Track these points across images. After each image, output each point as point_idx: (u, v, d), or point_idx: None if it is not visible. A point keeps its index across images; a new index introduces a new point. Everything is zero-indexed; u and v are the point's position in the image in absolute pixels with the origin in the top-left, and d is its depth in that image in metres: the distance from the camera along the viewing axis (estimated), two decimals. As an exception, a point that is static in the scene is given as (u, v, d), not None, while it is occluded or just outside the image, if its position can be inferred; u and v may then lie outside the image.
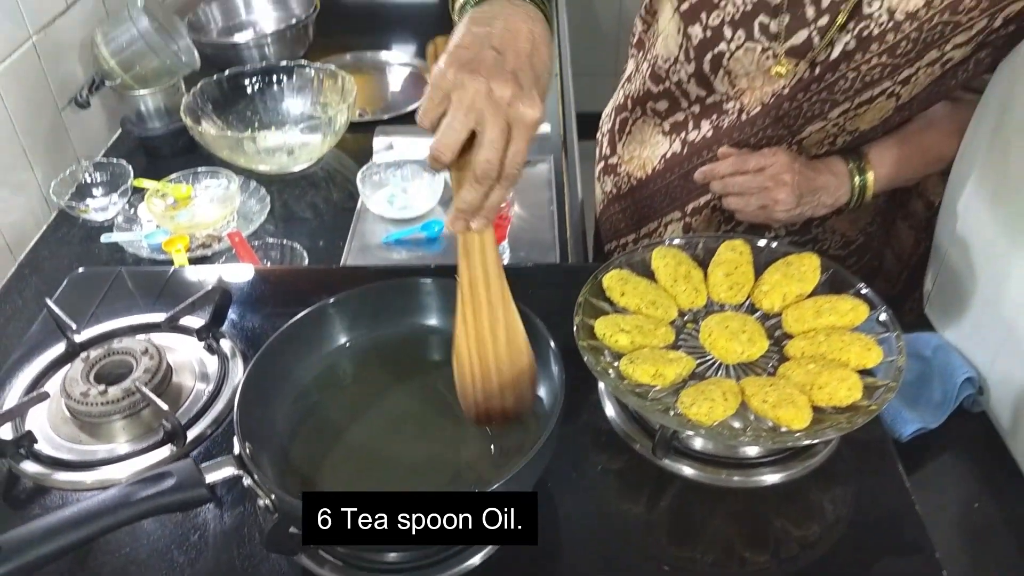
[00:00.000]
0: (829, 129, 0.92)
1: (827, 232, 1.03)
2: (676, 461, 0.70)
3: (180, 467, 0.57)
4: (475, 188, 0.60)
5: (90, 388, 0.74)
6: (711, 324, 0.72)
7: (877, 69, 0.84)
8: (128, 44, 1.28)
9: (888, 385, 0.64)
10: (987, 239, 0.85)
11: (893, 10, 0.81)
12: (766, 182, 0.89)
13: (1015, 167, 0.79)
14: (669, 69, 0.96)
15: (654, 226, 1.08)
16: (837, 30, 0.83)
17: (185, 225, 1.16)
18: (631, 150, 1.08)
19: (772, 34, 0.86)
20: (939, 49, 0.82)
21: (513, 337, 0.67)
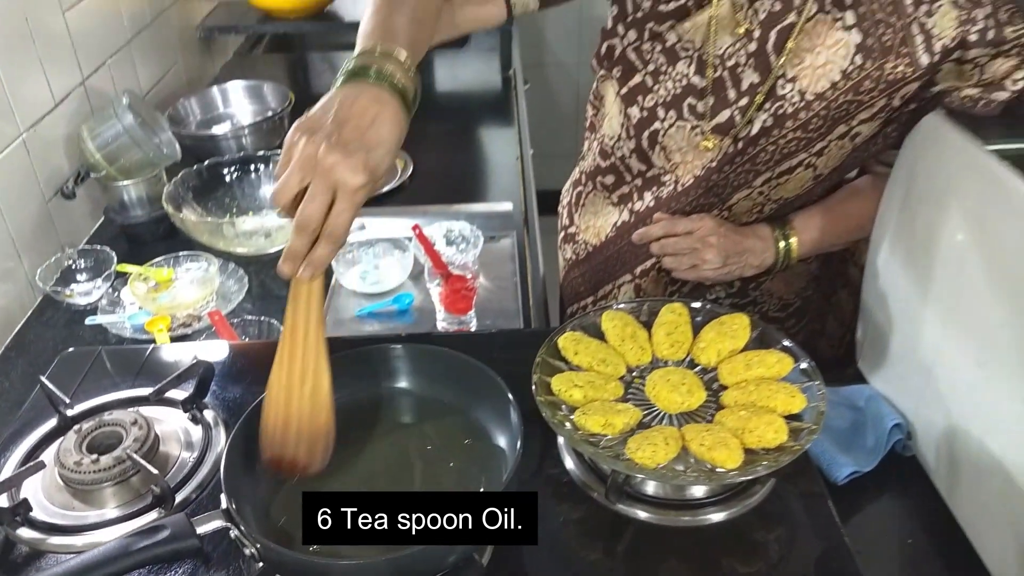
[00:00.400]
0: (755, 197, 1.02)
1: (765, 295, 1.13)
2: (630, 506, 0.76)
3: (173, 520, 0.63)
4: (298, 237, 0.66)
5: (83, 457, 0.79)
6: (655, 378, 0.79)
7: (793, 143, 0.95)
8: (113, 139, 1.36)
9: (811, 428, 0.72)
10: (902, 296, 0.94)
11: (803, 91, 0.92)
12: (695, 243, 0.99)
13: (920, 231, 0.90)
14: (614, 146, 1.07)
15: (609, 288, 1.18)
16: (755, 110, 0.95)
17: (167, 306, 1.23)
18: (586, 220, 1.18)
19: (699, 114, 0.98)
20: (847, 124, 0.93)
21: (317, 392, 0.71)
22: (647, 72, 1.01)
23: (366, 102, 0.69)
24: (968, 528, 0.84)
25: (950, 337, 0.85)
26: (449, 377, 0.80)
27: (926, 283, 0.89)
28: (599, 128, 1.11)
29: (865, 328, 1.03)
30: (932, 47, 0.88)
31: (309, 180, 0.65)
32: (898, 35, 0.88)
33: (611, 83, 1.05)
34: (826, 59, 0.91)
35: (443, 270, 1.17)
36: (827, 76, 0.91)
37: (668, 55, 0.99)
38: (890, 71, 0.89)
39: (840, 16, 0.90)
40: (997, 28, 0.87)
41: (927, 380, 0.90)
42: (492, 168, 1.72)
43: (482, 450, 0.76)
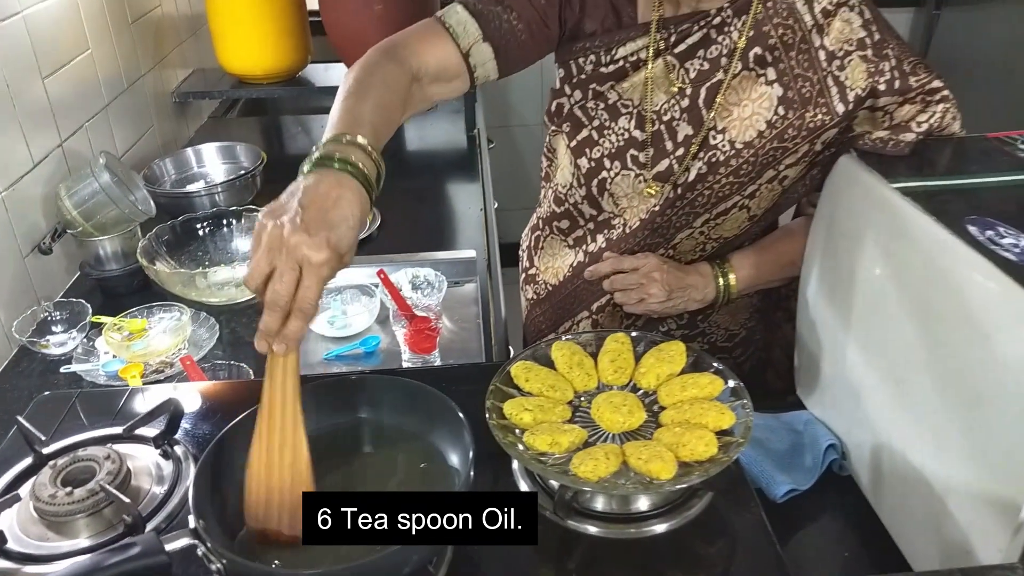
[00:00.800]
0: (697, 237, 1.10)
1: (712, 326, 1.20)
2: (580, 521, 0.81)
3: (144, 538, 0.67)
4: (269, 314, 0.70)
5: (57, 491, 0.83)
6: (599, 401, 0.85)
7: (726, 187, 1.04)
8: (90, 196, 1.42)
9: (738, 441, 0.78)
10: (830, 325, 1.01)
11: (733, 141, 1.01)
12: (640, 279, 1.07)
13: (842, 264, 0.97)
14: (567, 193, 1.15)
15: (569, 324, 1.25)
16: (691, 159, 1.03)
17: (140, 354, 1.27)
18: (545, 262, 1.25)
19: (641, 164, 1.06)
20: (774, 169, 1.02)
21: (297, 462, 0.74)
22: (592, 127, 1.09)
23: (327, 187, 0.73)
24: (898, 539, 0.90)
25: (871, 361, 0.92)
26: (407, 405, 0.85)
27: (848, 312, 0.96)
28: (553, 177, 1.20)
29: (801, 356, 1.11)
30: (846, 96, 0.98)
31: (276, 261, 0.70)
32: (815, 87, 0.98)
33: (562, 137, 1.14)
34: (752, 111, 1.00)
35: (407, 312, 1.23)
36: (754, 126, 1.00)
37: (610, 111, 1.08)
38: (810, 119, 0.99)
39: (763, 72, 1.00)
40: (902, 78, 0.97)
41: (855, 402, 0.96)
42: (457, 220, 1.80)
43: (438, 471, 0.81)
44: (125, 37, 1.84)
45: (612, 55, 1.05)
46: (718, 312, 1.19)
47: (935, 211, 0.80)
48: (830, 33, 0.97)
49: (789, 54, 0.98)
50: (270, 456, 0.74)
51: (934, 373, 0.80)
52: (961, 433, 0.76)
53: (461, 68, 1.02)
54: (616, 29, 1.05)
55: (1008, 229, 0.77)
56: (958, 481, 0.78)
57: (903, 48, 0.98)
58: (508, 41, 1.03)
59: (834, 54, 0.97)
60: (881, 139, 0.95)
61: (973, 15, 2.72)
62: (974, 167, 0.92)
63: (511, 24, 1.03)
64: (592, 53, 1.06)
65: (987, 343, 0.72)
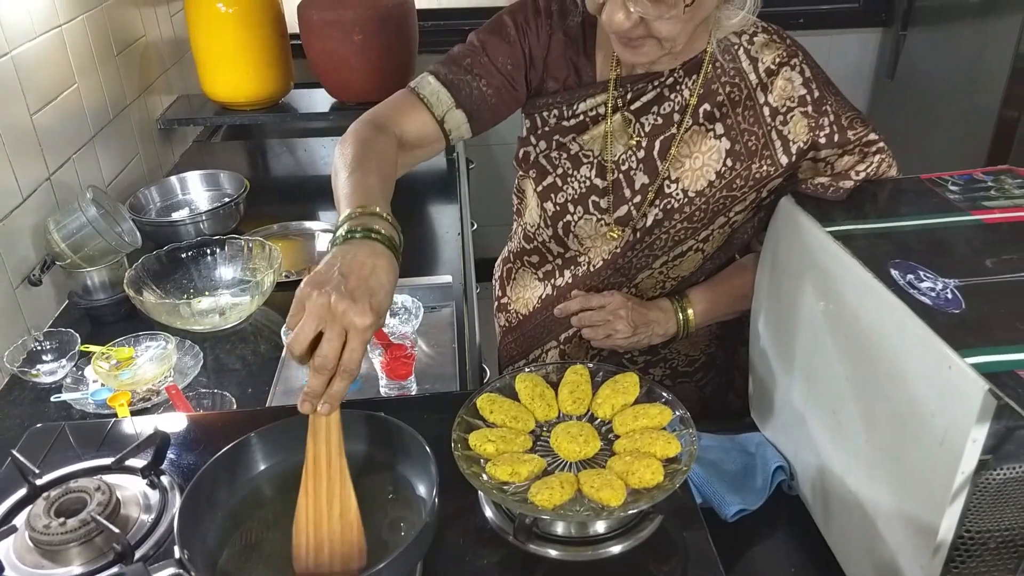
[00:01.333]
0: (657, 276, 1.17)
1: (673, 353, 1.27)
2: (541, 545, 0.88)
3: (132, 569, 0.73)
4: (316, 377, 0.75)
5: (51, 521, 0.88)
6: (558, 431, 0.92)
7: (681, 232, 1.11)
8: (78, 230, 1.47)
9: (682, 468, 0.84)
10: (777, 354, 1.08)
11: (686, 190, 1.08)
12: (607, 316, 1.14)
13: (784, 299, 1.04)
14: (535, 232, 1.22)
15: (538, 352, 1.31)
16: (648, 205, 1.10)
17: (127, 383, 1.32)
18: (516, 292, 1.32)
19: (602, 209, 1.13)
20: (725, 216, 1.10)
21: (346, 513, 0.78)
22: (557, 175, 1.16)
23: (364, 256, 0.79)
24: (840, 556, 0.97)
25: (812, 391, 0.99)
26: (377, 437, 0.91)
27: (792, 344, 1.03)
28: (523, 216, 1.27)
29: (754, 382, 1.17)
30: (789, 149, 1.05)
31: (322, 327, 0.74)
32: (760, 141, 1.05)
33: (529, 181, 1.21)
34: (703, 163, 1.07)
35: (384, 340, 1.29)
36: (704, 176, 1.08)
37: (573, 161, 1.15)
38: (756, 170, 1.06)
39: (711, 127, 1.07)
40: (841, 132, 1.04)
41: (801, 428, 1.03)
42: (435, 243, 1.86)
43: (405, 501, 0.87)
44: (110, 68, 1.90)
45: (574, 109, 1.12)
46: (679, 341, 1.25)
47: (862, 255, 0.87)
48: (773, 91, 1.05)
49: (736, 110, 1.06)
50: (318, 509, 0.78)
51: (862, 406, 0.87)
52: (887, 461, 0.83)
53: (437, 133, 1.09)
54: (576, 87, 1.12)
55: (927, 272, 0.83)
56: (886, 505, 0.84)
57: (841, 104, 1.05)
58: (479, 105, 1.10)
59: (777, 110, 1.05)
60: (823, 184, 1.02)
61: (938, 35, 2.80)
62: (904, 209, 0.99)
63: (481, 91, 1.09)
64: (556, 108, 1.13)
65: (903, 380, 0.79)
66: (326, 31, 2.10)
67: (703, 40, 1.06)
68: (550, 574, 0.87)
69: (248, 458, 0.89)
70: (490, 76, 1.10)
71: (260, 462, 0.90)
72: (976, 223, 0.94)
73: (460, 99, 1.09)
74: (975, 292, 0.80)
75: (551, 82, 1.13)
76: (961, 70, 2.72)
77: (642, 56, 1.00)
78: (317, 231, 1.87)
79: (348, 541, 0.78)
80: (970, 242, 0.90)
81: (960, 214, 0.96)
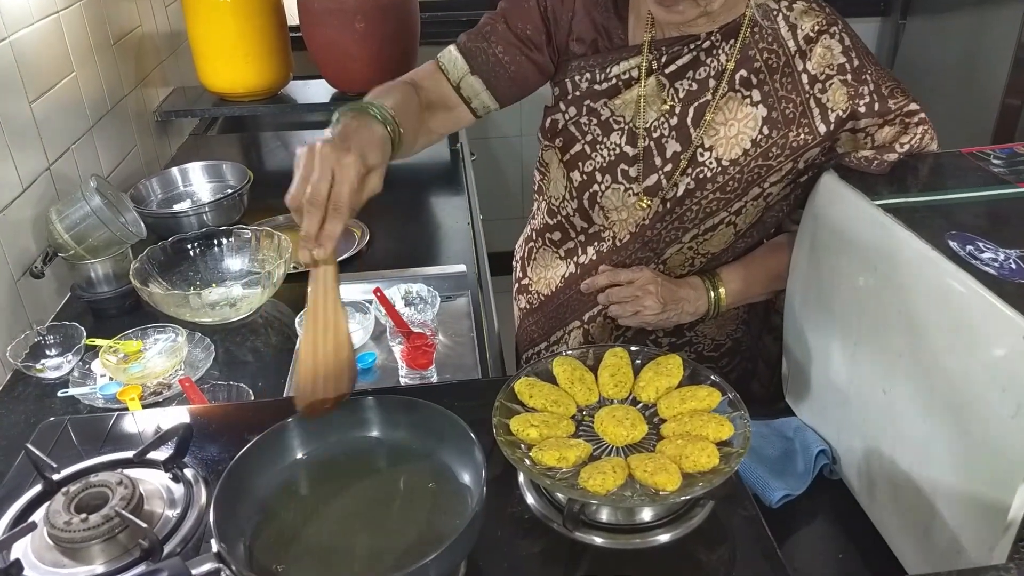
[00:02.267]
0: (686, 252, 1.14)
1: (699, 336, 1.24)
2: (587, 533, 0.84)
3: (170, 564, 0.68)
4: (309, 217, 0.80)
5: (72, 517, 0.84)
6: (602, 415, 0.88)
7: (713, 203, 1.08)
8: (81, 220, 1.42)
9: (738, 451, 0.81)
10: (816, 335, 1.06)
11: (720, 158, 1.05)
12: (636, 292, 1.10)
13: (825, 277, 1.02)
14: (559, 206, 1.19)
15: (560, 334, 1.28)
16: (679, 175, 1.07)
17: (137, 376, 1.28)
18: (538, 273, 1.29)
19: (631, 178, 1.10)
20: (759, 187, 1.06)
21: (338, 335, 0.85)
22: (585, 142, 1.13)
23: (352, 120, 0.89)
24: (890, 540, 0.94)
25: (857, 370, 0.96)
26: (416, 424, 0.88)
27: (834, 323, 1.00)
28: (547, 191, 1.23)
29: (789, 366, 1.15)
30: (828, 117, 1.02)
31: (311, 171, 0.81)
32: (798, 109, 1.02)
33: (554, 152, 1.18)
34: (738, 130, 1.04)
35: (404, 328, 1.25)
36: (739, 145, 1.04)
37: (603, 127, 1.11)
38: (793, 139, 1.03)
39: (748, 94, 1.04)
40: (881, 101, 1.01)
41: (844, 409, 1.00)
42: (445, 233, 1.82)
43: (449, 490, 0.83)
44: (108, 58, 1.84)
45: (607, 73, 1.09)
46: (705, 323, 1.22)
47: (917, 227, 0.84)
48: (812, 58, 1.02)
49: (773, 77, 1.03)
50: (315, 342, 0.85)
51: (918, 382, 0.85)
52: (946, 439, 0.81)
53: (456, 100, 1.13)
54: (608, 50, 1.09)
55: (986, 244, 0.81)
56: (946, 485, 0.82)
57: (881, 73, 1.03)
58: (497, 72, 1.12)
59: (816, 78, 1.02)
60: (866, 158, 1.00)
61: (938, 24, 2.80)
62: (951, 183, 0.96)
63: (497, 57, 1.12)
64: (588, 71, 1.11)
65: (969, 353, 0.76)
66: (327, 19, 2.05)
67: (742, 4, 1.03)
68: (596, 563, 0.84)
69: (285, 446, 0.85)
70: (507, 43, 1.11)
71: (297, 450, 0.86)
72: (1027, 195, 0.92)
73: (475, 65, 1.12)
74: (1040, 262, 0.78)
75: (576, 44, 1.11)
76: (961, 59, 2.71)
77: (677, 15, 0.97)
78: (323, 222, 1.82)
79: (340, 358, 0.86)
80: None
81: (1009, 187, 0.94)
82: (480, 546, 0.83)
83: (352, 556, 0.78)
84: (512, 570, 0.83)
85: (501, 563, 0.84)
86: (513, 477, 0.92)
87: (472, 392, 1.10)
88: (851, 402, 0.99)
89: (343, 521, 0.82)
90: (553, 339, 1.30)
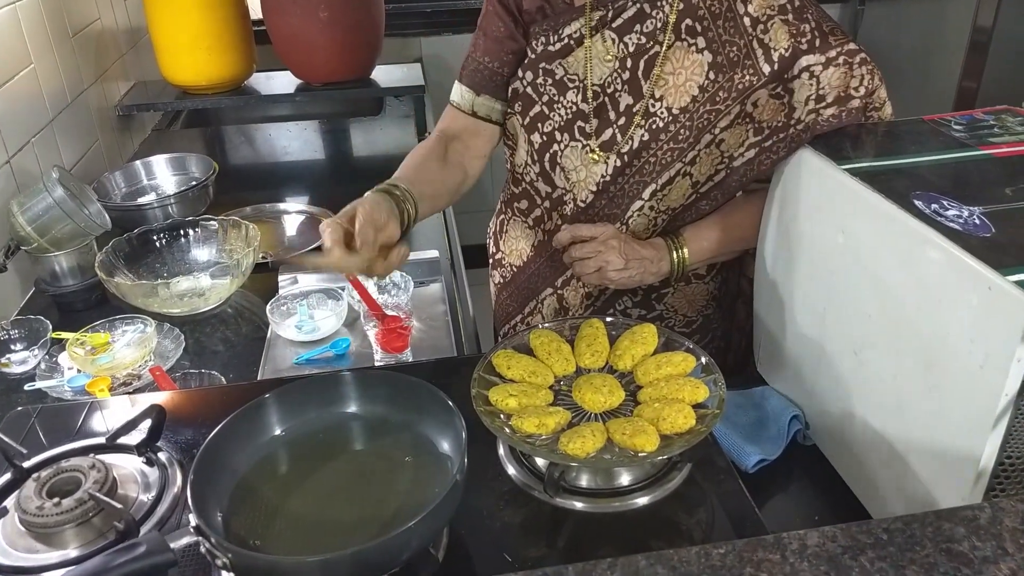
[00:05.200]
0: (647, 212, 1.15)
1: (670, 311, 1.25)
2: (567, 499, 0.85)
3: (148, 537, 0.67)
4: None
5: (44, 502, 0.82)
6: (580, 383, 0.89)
7: (668, 154, 1.10)
8: (44, 212, 1.40)
9: (714, 412, 0.82)
10: (786, 303, 1.07)
11: (671, 108, 1.08)
12: (598, 247, 1.11)
13: (794, 244, 1.03)
14: (523, 172, 1.22)
15: (534, 304, 1.29)
16: (633, 127, 1.10)
17: (106, 367, 1.25)
18: (509, 245, 1.32)
19: (587, 134, 1.13)
20: (711, 133, 1.09)
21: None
22: (543, 103, 1.17)
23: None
24: (865, 499, 0.96)
25: (829, 334, 0.98)
26: (394, 398, 0.87)
27: (804, 289, 1.02)
28: (514, 157, 1.25)
29: (760, 335, 1.16)
30: (771, 57, 1.05)
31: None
32: (742, 51, 1.05)
33: (515, 119, 1.21)
34: (686, 78, 1.07)
35: (378, 312, 1.24)
36: (688, 92, 1.07)
37: (558, 86, 1.15)
38: (739, 81, 1.06)
39: (693, 42, 1.07)
40: (822, 38, 1.04)
41: (815, 374, 1.02)
42: (415, 223, 1.81)
43: (430, 461, 0.83)
44: (66, 50, 1.81)
45: (559, 34, 1.13)
46: (675, 295, 1.24)
47: (883, 189, 0.86)
48: (753, 1, 1.04)
49: (717, 23, 1.05)
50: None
51: (889, 341, 0.86)
52: (918, 395, 0.82)
53: (477, 123, 1.23)
54: (557, 13, 1.13)
55: (950, 202, 0.83)
56: (918, 440, 0.83)
57: (821, 15, 1.06)
58: (495, 81, 1.20)
59: (758, 19, 1.05)
60: (834, 114, 1.02)
61: (896, 9, 2.85)
62: (913, 147, 0.98)
63: (488, 67, 1.19)
64: (543, 35, 1.14)
65: (937, 308, 0.78)
66: (290, 8, 2.04)
67: None
68: (577, 528, 0.84)
69: (262, 422, 0.84)
70: (491, 51, 1.19)
71: (275, 426, 0.85)
72: (987, 157, 0.94)
73: (477, 87, 1.21)
74: (1002, 217, 0.80)
75: (527, 15, 1.15)
76: (919, 43, 2.78)
77: None
78: (291, 212, 1.81)
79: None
80: (985, 174, 0.90)
81: (970, 150, 0.96)
82: (462, 518, 0.83)
83: (332, 528, 0.78)
84: (495, 540, 0.83)
85: (484, 534, 0.84)
86: (493, 450, 0.92)
87: (449, 369, 1.10)
88: (822, 366, 1.00)
89: (323, 495, 0.81)
90: (528, 310, 1.31)
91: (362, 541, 0.67)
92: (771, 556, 0.57)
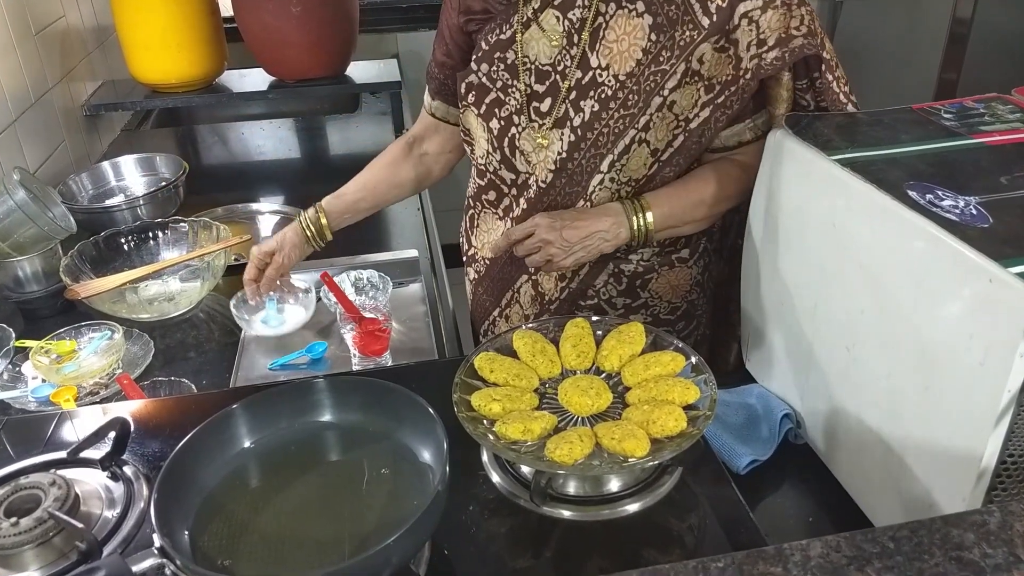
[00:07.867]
0: (609, 184, 1.13)
1: (654, 298, 1.23)
2: (555, 507, 0.81)
3: (108, 561, 0.63)
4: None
5: (1, 522, 0.77)
6: (566, 386, 0.85)
7: (620, 121, 1.08)
8: (5, 215, 1.34)
9: (705, 414, 0.79)
10: (775, 300, 1.04)
11: (617, 74, 1.07)
12: (537, 243, 1.09)
13: (781, 237, 1.00)
14: (485, 163, 1.21)
15: (511, 295, 1.27)
16: (583, 99, 1.09)
17: (72, 376, 1.20)
18: (480, 239, 1.30)
19: (542, 113, 1.12)
20: (660, 95, 1.07)
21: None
22: (497, 88, 1.16)
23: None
24: (859, 499, 0.93)
25: (820, 331, 0.95)
26: (371, 405, 0.83)
27: (794, 285, 0.99)
28: (474, 152, 1.22)
29: (748, 332, 1.13)
30: (709, 9, 1.04)
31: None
32: (680, 8, 1.04)
33: (471, 111, 1.19)
34: (629, 43, 1.06)
35: (355, 314, 1.20)
36: (632, 57, 1.06)
37: (511, 71, 1.14)
38: (680, 38, 1.04)
39: (633, 7, 1.06)
40: None
41: (806, 371, 0.99)
42: (393, 223, 1.77)
43: (410, 471, 0.79)
44: (29, 48, 1.75)
45: (510, 23, 1.13)
46: (658, 280, 1.22)
47: (875, 180, 0.83)
48: None
49: None
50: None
51: (883, 337, 0.83)
52: (914, 392, 0.79)
53: (435, 122, 1.32)
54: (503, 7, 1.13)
55: (945, 192, 0.80)
56: (915, 439, 0.80)
57: None
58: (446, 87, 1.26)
59: None
60: (777, 57, 1.02)
61: (874, 4, 2.84)
62: (903, 136, 0.95)
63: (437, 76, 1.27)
64: (496, 28, 1.14)
65: (934, 302, 0.75)
66: (262, 3, 1.98)
67: None
68: (566, 537, 0.81)
69: (231, 434, 0.80)
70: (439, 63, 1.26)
71: (244, 438, 0.81)
72: (980, 145, 0.91)
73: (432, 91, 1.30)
74: (999, 207, 0.77)
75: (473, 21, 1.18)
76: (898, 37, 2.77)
77: None
78: (265, 212, 1.76)
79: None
80: (979, 163, 0.87)
81: (961, 138, 0.93)
82: (445, 530, 0.79)
83: (306, 546, 0.74)
84: (479, 552, 0.80)
85: (467, 546, 0.81)
86: (476, 458, 0.89)
87: (430, 372, 1.06)
88: (814, 364, 0.97)
89: (295, 511, 0.77)
90: (504, 302, 1.29)
91: (338, 560, 0.64)
92: (773, 569, 0.53)
